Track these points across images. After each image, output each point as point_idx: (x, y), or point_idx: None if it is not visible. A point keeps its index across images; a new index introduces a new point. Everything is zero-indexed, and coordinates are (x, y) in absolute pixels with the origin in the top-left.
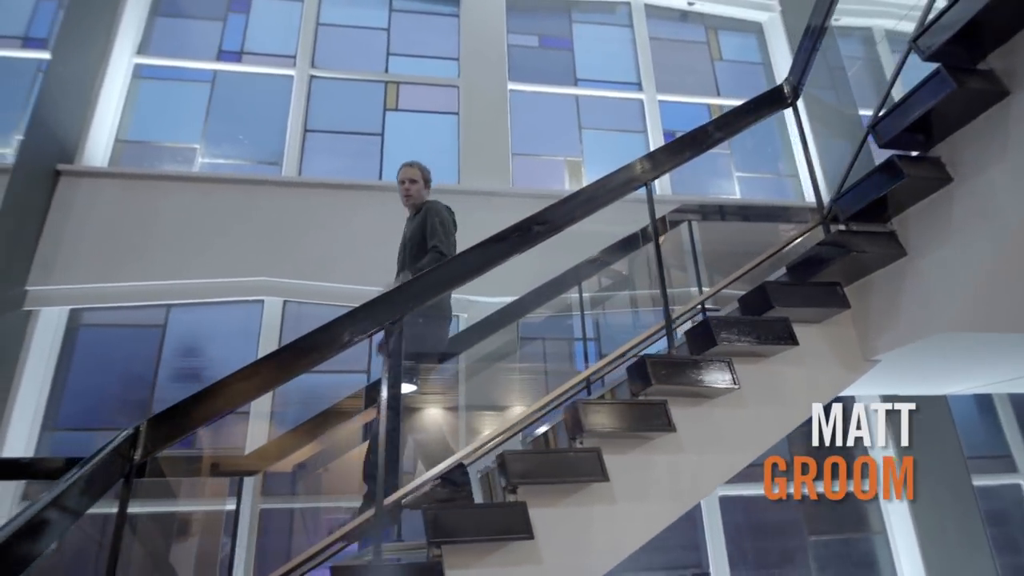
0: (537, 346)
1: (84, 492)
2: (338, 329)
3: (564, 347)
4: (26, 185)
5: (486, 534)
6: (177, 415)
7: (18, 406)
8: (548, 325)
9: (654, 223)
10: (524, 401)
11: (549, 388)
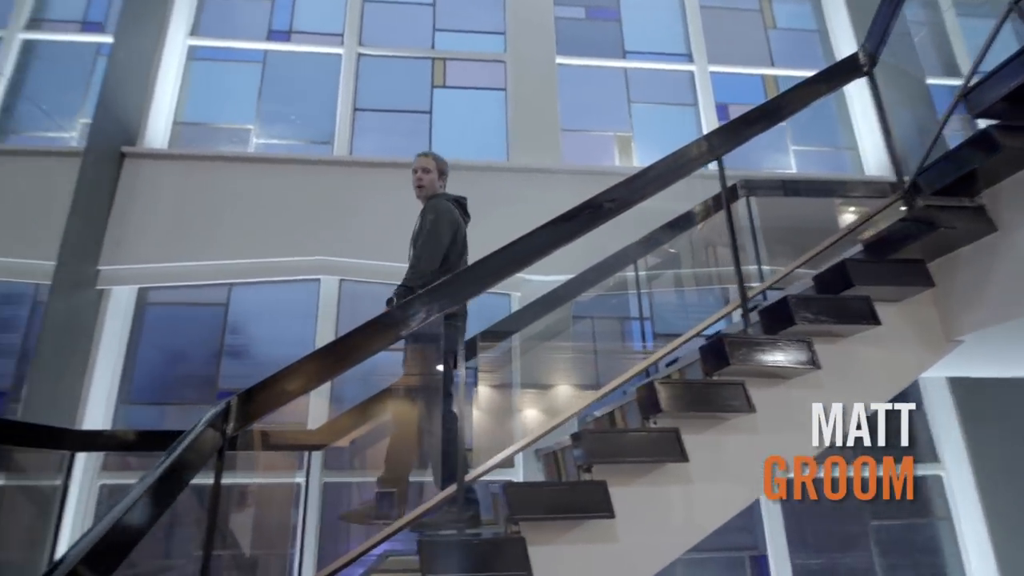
0: (587, 325)
1: (188, 465)
2: (413, 308)
3: (615, 326)
4: (95, 168)
5: (568, 512)
6: (265, 390)
7: (96, 381)
8: (598, 304)
9: (727, 199)
10: (575, 380)
11: (600, 367)
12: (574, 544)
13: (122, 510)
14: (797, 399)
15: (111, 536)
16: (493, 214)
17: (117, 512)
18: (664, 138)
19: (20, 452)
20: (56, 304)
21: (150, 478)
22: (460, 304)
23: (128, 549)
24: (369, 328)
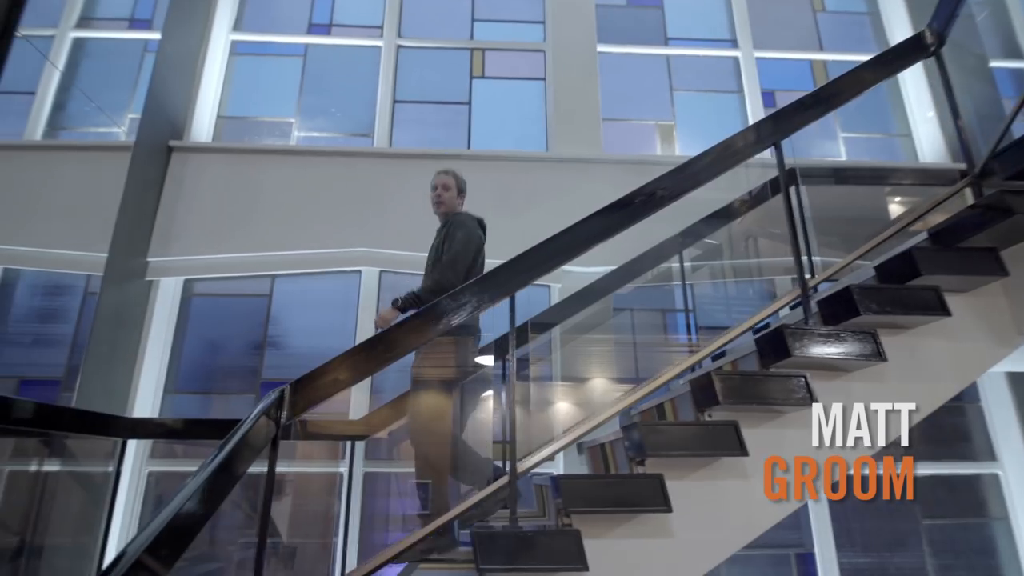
0: (628, 317)
1: (244, 454)
2: (465, 297)
3: (655, 318)
4: (144, 161)
5: (624, 505)
6: (317, 379)
7: (145, 370)
8: (638, 296)
9: (785, 187)
10: (618, 373)
11: (642, 360)
12: (628, 538)
13: (182, 499)
14: (858, 393)
15: (173, 525)
16: (533, 205)
17: (178, 502)
18: (707, 126)
19: (74, 439)
20: (108, 295)
21: (208, 467)
22: (510, 294)
23: (189, 538)
24: (420, 318)
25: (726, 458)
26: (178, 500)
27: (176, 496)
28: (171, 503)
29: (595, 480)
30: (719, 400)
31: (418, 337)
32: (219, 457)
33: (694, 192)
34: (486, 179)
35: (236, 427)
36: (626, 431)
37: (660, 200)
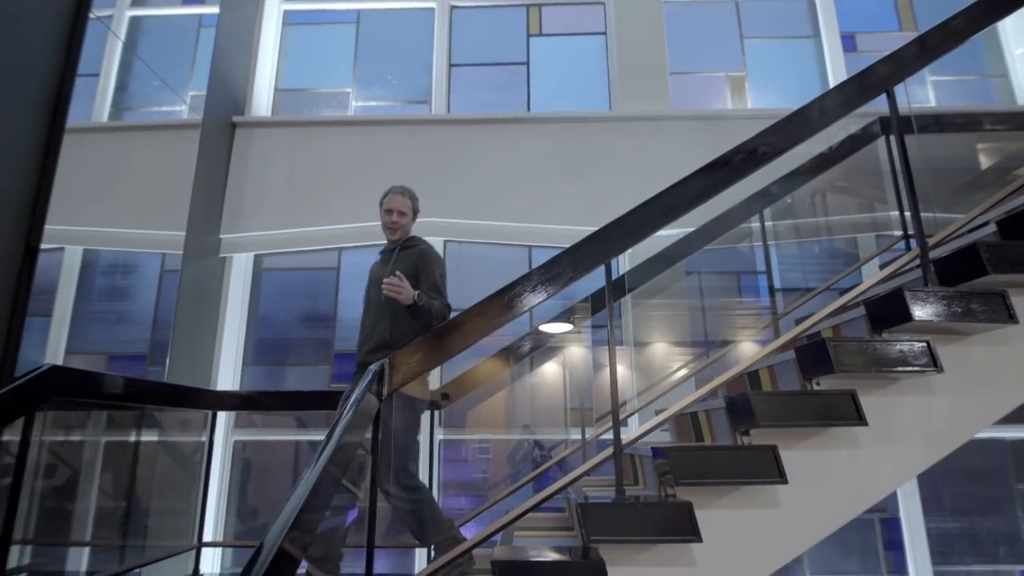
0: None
1: (355, 430)
2: (560, 267)
3: (730, 281)
4: (212, 138)
5: (736, 477)
6: (413, 355)
7: (224, 344)
8: (708, 259)
9: (900, 135)
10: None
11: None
12: (738, 509)
13: (309, 485)
14: (982, 357)
15: (305, 511)
16: (600, 169)
17: (305, 487)
18: (781, 76)
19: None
20: (188, 273)
21: (328, 450)
22: (606, 262)
23: (319, 521)
24: (517, 287)
25: (834, 428)
26: (305, 486)
27: (302, 482)
28: (298, 490)
29: (707, 451)
30: (834, 368)
31: (510, 313)
32: (334, 440)
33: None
34: (548, 143)
35: (345, 405)
36: (732, 401)
37: (762, 157)
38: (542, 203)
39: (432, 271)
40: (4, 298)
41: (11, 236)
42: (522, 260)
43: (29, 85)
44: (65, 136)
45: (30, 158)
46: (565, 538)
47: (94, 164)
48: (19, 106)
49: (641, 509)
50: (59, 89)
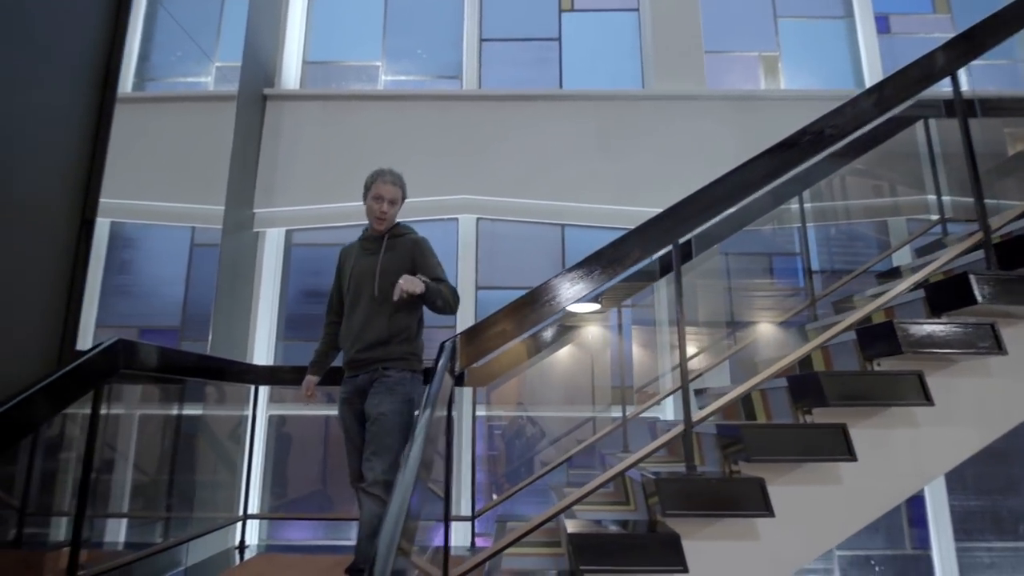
0: (732, 261)
1: (439, 405)
2: (628, 246)
3: (762, 262)
4: (246, 111)
5: (806, 454)
6: (486, 331)
7: (260, 319)
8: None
9: (963, 118)
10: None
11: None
12: (803, 485)
13: (411, 473)
14: None
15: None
16: (634, 148)
17: (409, 476)
18: (815, 57)
19: (217, 386)
20: (226, 247)
21: (419, 435)
22: (674, 242)
23: (422, 501)
24: (586, 265)
25: (896, 407)
26: (408, 476)
27: (405, 471)
28: (402, 480)
29: (778, 429)
30: (901, 349)
31: (580, 289)
32: (423, 422)
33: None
34: (581, 121)
35: (429, 385)
36: (798, 380)
37: (828, 139)
38: (575, 182)
39: (430, 261)
40: (63, 271)
41: (67, 209)
42: (555, 239)
43: (79, 56)
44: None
45: (82, 130)
46: (623, 512)
47: (127, 136)
48: (70, 77)
49: (715, 484)
50: (108, 59)
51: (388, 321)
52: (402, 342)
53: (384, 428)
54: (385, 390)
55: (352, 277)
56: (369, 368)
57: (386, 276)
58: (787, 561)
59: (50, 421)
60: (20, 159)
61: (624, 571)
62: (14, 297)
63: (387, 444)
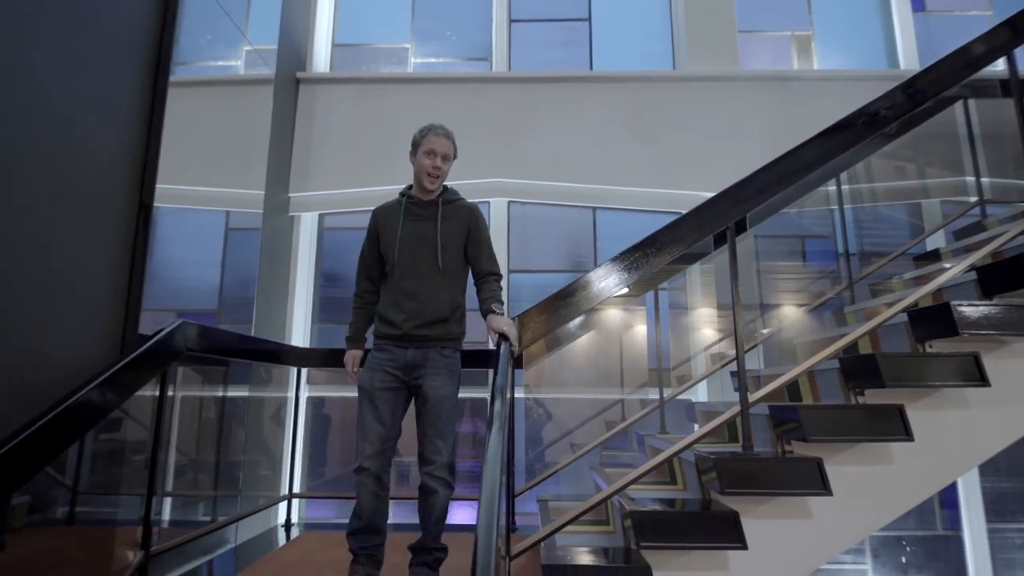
0: (766, 245)
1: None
2: (683, 229)
3: (794, 245)
4: (281, 95)
5: (864, 434)
6: (542, 313)
7: (298, 303)
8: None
9: (1020, 101)
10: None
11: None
12: (861, 465)
13: (497, 466)
14: None
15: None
16: (665, 129)
17: (495, 470)
18: (849, 36)
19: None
20: (266, 231)
21: (497, 425)
22: (728, 225)
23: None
24: (641, 249)
25: (948, 389)
26: (492, 463)
27: (490, 460)
28: (490, 468)
29: (836, 410)
30: (958, 331)
31: (635, 275)
32: (498, 404)
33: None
34: (613, 102)
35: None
36: (850, 361)
37: (884, 120)
38: (607, 164)
39: (487, 238)
40: (122, 255)
41: (125, 194)
42: (586, 222)
43: (132, 40)
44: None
45: (137, 115)
46: (671, 491)
47: (166, 121)
48: (124, 61)
49: (773, 464)
50: (159, 42)
51: (449, 298)
52: (459, 320)
53: (447, 411)
54: (446, 371)
55: (402, 244)
56: (424, 344)
57: (447, 248)
58: (840, 539)
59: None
60: (81, 144)
61: (684, 547)
62: (78, 282)
63: (451, 428)
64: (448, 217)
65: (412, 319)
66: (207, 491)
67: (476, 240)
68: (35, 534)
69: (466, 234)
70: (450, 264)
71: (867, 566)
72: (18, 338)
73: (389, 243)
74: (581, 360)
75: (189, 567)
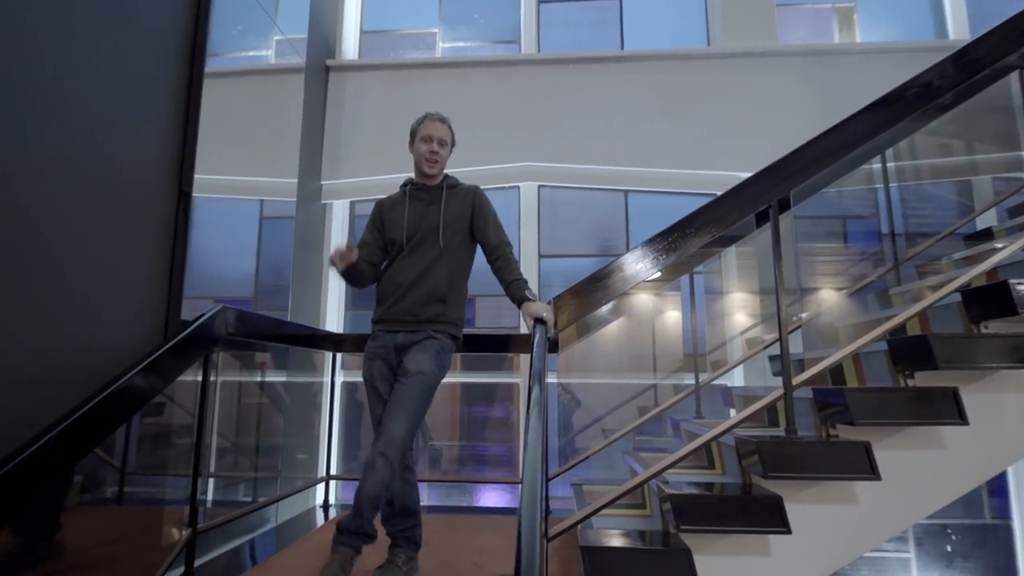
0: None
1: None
2: (723, 208)
3: (832, 226)
4: (312, 83)
5: (915, 418)
6: (578, 296)
7: (331, 290)
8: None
9: None
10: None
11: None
12: (910, 449)
13: (535, 445)
14: None
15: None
16: (700, 109)
17: (535, 457)
18: (893, 6)
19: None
20: (299, 219)
21: (535, 414)
22: (771, 203)
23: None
24: (678, 230)
25: (1004, 371)
26: (535, 454)
27: (531, 448)
28: (530, 456)
29: (885, 393)
30: (1016, 310)
31: (671, 257)
32: (537, 389)
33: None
34: (645, 82)
35: (533, 351)
36: (900, 343)
37: (937, 92)
38: (639, 145)
39: (493, 213)
40: (163, 242)
41: (165, 183)
42: (618, 205)
43: (169, 29)
44: None
45: (175, 105)
46: (707, 475)
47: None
48: (162, 51)
49: (818, 447)
50: (194, 32)
51: (450, 276)
52: (457, 304)
53: (419, 388)
54: (433, 351)
55: (408, 225)
56: (415, 326)
57: (450, 229)
58: (887, 526)
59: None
60: (124, 136)
61: (725, 531)
62: (123, 270)
63: (417, 406)
64: (451, 199)
65: (406, 296)
66: (248, 472)
67: (481, 212)
68: (89, 512)
69: (470, 210)
70: (452, 243)
71: (910, 554)
72: (68, 324)
73: (394, 227)
74: (612, 346)
75: (233, 545)
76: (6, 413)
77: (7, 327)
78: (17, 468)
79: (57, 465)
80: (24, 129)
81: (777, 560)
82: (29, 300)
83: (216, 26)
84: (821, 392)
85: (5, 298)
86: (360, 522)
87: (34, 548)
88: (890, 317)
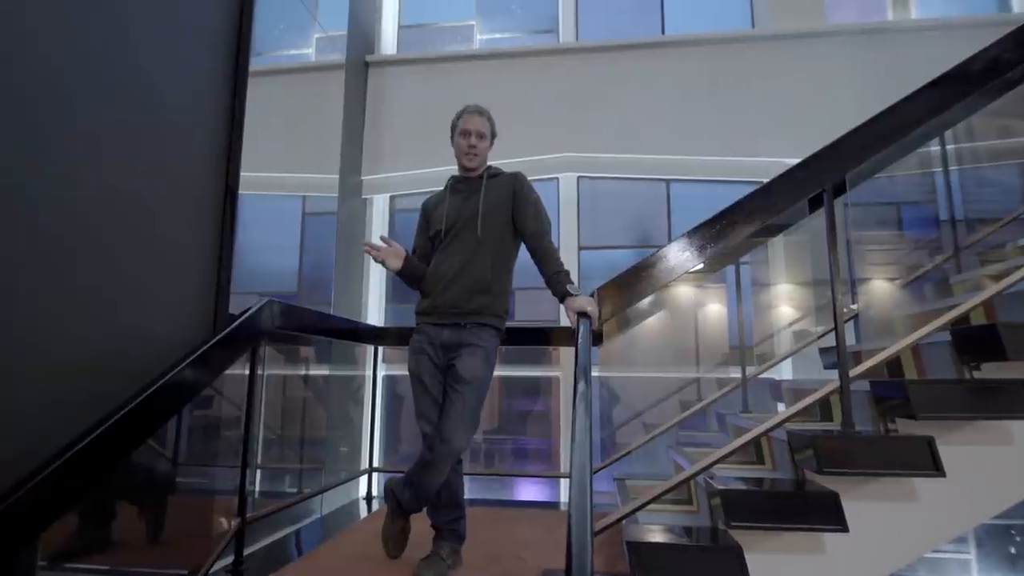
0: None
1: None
2: (774, 194)
3: (884, 213)
4: (352, 79)
5: (981, 412)
6: (623, 286)
7: (372, 284)
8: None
9: None
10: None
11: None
12: (975, 445)
13: (583, 441)
14: None
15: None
16: (746, 92)
17: (582, 443)
18: None
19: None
20: (341, 214)
21: (581, 411)
22: (824, 188)
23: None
24: (727, 217)
25: None
26: (583, 452)
27: (578, 448)
28: (578, 455)
29: (947, 385)
30: None
31: (720, 245)
32: (581, 385)
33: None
34: (687, 68)
35: (578, 341)
36: (965, 333)
37: (1005, 66)
38: (682, 133)
39: (535, 200)
40: (211, 237)
41: (213, 179)
42: (659, 196)
43: (214, 26)
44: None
45: (221, 103)
46: (756, 470)
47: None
48: (208, 48)
49: (877, 443)
50: (239, 30)
51: (492, 266)
52: (502, 297)
53: (474, 396)
54: (483, 355)
55: (448, 218)
56: (460, 320)
57: (489, 217)
58: (949, 525)
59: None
60: (174, 133)
61: (779, 529)
62: (173, 264)
63: (473, 415)
64: (492, 188)
65: (450, 287)
66: (293, 464)
67: (522, 199)
68: (144, 501)
69: (511, 198)
70: (491, 233)
71: (971, 556)
72: (121, 317)
73: (436, 220)
74: (654, 339)
75: (280, 535)
76: (66, 401)
77: (67, 319)
78: (74, 456)
79: (112, 454)
80: (79, 127)
81: (832, 559)
82: (86, 292)
83: (259, 25)
84: (879, 385)
85: (67, 291)
86: (415, 505)
87: (90, 535)
88: (952, 307)
